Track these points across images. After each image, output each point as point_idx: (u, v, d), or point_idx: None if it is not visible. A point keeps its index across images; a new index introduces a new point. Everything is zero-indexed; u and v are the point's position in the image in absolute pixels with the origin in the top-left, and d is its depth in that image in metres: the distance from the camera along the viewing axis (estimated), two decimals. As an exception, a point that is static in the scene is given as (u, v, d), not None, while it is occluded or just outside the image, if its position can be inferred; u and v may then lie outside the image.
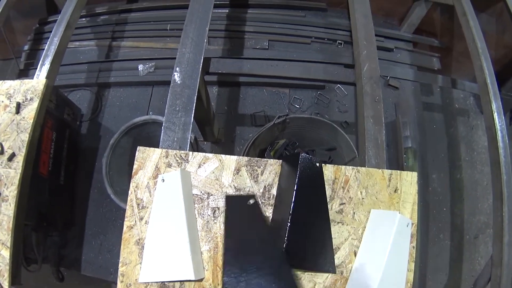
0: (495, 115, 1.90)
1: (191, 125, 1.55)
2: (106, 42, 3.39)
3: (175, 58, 1.75)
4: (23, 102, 1.77)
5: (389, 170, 1.47)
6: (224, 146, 3.12)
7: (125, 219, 1.35)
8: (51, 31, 2.03)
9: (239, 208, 1.34)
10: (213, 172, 1.40)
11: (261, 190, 1.39)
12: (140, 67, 3.19)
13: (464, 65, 3.26)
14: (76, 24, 2.18)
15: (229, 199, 1.36)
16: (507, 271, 1.72)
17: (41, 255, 2.49)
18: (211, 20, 2.77)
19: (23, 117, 1.74)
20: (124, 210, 1.39)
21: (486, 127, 1.98)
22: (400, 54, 3.53)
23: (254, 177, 1.40)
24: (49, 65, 1.90)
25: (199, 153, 1.43)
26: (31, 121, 1.72)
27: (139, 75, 3.20)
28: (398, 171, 1.47)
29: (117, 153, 2.64)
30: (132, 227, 1.34)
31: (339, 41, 3.42)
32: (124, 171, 2.72)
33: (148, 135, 2.72)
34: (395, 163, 3.09)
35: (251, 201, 1.32)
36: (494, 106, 1.92)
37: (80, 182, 2.99)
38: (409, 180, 1.47)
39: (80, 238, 2.88)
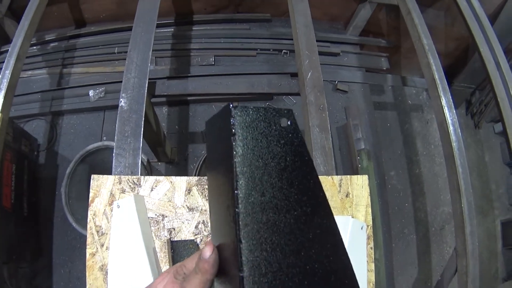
0: (446, 110, 1.94)
1: (141, 150, 1.56)
2: (57, 70, 3.36)
3: (123, 82, 1.76)
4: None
5: (339, 176, 1.50)
6: (178, 165, 3.15)
7: (87, 246, 1.35)
8: (3, 62, 1.99)
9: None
10: (166, 194, 1.41)
11: (214, 208, 1.40)
12: (91, 92, 3.16)
13: (413, 60, 3.33)
14: (27, 54, 2.16)
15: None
16: (473, 260, 1.77)
17: (14, 287, 2.49)
18: (157, 40, 2.74)
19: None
20: (88, 237, 1.40)
21: (437, 123, 2.02)
22: (347, 58, 3.60)
23: (205, 195, 1.41)
24: (2, 99, 1.86)
25: (151, 176, 1.44)
26: (-10, 156, 1.71)
27: (90, 101, 3.17)
28: (348, 176, 1.50)
29: (75, 180, 2.63)
30: (94, 254, 1.34)
31: (285, 51, 3.46)
32: (83, 198, 2.68)
33: (102, 161, 2.71)
34: (349, 166, 3.14)
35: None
36: (443, 101, 1.97)
37: (43, 212, 2.96)
38: (360, 184, 1.50)
39: (49, 267, 2.86)
